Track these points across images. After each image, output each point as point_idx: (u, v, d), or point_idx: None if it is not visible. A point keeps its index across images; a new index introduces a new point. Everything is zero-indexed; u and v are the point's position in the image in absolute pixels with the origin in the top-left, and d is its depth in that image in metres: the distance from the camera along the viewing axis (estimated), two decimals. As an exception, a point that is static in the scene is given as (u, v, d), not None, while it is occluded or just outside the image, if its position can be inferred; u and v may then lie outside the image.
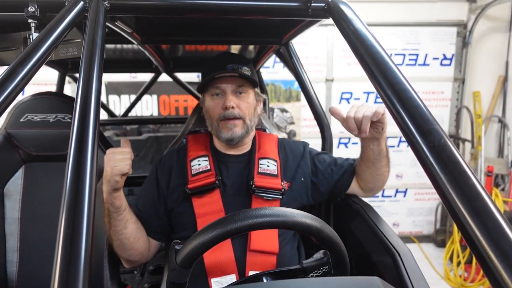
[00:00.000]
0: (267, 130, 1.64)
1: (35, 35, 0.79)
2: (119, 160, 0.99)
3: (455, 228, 3.51)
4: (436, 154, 0.51)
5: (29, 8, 0.78)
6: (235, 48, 1.97)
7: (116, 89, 3.89)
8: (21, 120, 1.29)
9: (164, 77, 2.85)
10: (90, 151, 0.51)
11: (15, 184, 1.30)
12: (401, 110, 0.59)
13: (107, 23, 0.81)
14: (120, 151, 1.02)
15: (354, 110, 1.04)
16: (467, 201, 0.46)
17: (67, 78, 2.73)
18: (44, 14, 0.80)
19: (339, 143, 3.99)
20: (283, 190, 1.16)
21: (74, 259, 0.37)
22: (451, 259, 3.52)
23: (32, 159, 1.32)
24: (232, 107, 1.18)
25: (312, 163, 1.30)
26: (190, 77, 3.68)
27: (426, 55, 3.89)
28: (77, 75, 2.84)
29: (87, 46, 0.68)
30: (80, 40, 0.87)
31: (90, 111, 0.56)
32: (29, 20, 0.80)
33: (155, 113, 4.00)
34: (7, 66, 0.65)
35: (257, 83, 1.25)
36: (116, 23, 0.96)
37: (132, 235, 1.11)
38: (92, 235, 0.41)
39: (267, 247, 1.10)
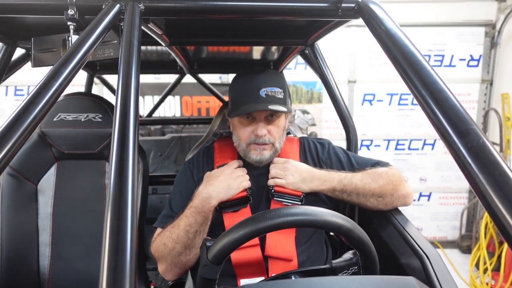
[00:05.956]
0: (291, 133, 1.64)
1: (74, 37, 0.82)
2: (242, 176, 1.14)
3: (482, 234, 3.40)
4: (475, 155, 0.51)
5: (69, 11, 0.81)
6: (257, 49, 1.97)
7: (140, 90, 3.94)
8: (55, 119, 1.34)
9: (186, 78, 2.88)
10: (132, 145, 0.53)
11: (48, 180, 1.36)
12: (436, 110, 0.59)
13: (141, 25, 0.83)
14: (241, 168, 1.17)
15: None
16: (508, 202, 0.46)
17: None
18: (83, 16, 0.83)
19: (361, 145, 3.95)
20: (302, 196, 1.15)
21: (121, 248, 0.39)
22: (477, 265, 3.42)
23: (64, 157, 1.37)
24: (264, 135, 1.15)
25: (329, 167, 1.26)
26: (212, 78, 3.72)
27: (452, 56, 3.80)
28: (103, 75, 2.92)
29: (125, 47, 0.70)
30: (116, 41, 0.90)
31: (130, 108, 0.58)
32: (68, 23, 0.83)
33: (178, 114, 4.06)
34: (49, 67, 0.68)
35: (290, 110, 1.19)
36: (148, 25, 0.99)
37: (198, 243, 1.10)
38: (136, 227, 0.42)
39: (282, 254, 1.08)
